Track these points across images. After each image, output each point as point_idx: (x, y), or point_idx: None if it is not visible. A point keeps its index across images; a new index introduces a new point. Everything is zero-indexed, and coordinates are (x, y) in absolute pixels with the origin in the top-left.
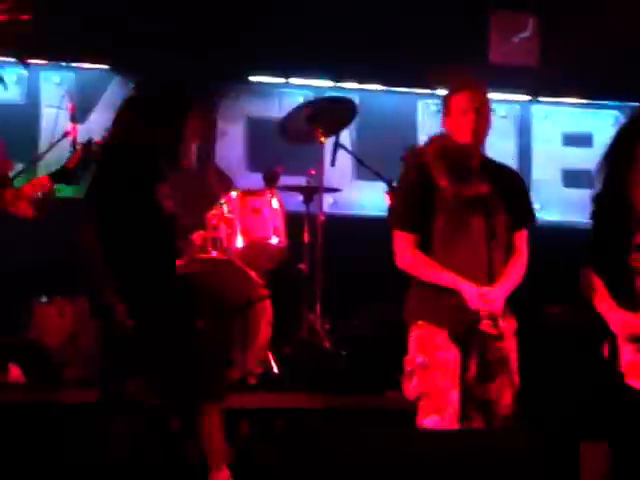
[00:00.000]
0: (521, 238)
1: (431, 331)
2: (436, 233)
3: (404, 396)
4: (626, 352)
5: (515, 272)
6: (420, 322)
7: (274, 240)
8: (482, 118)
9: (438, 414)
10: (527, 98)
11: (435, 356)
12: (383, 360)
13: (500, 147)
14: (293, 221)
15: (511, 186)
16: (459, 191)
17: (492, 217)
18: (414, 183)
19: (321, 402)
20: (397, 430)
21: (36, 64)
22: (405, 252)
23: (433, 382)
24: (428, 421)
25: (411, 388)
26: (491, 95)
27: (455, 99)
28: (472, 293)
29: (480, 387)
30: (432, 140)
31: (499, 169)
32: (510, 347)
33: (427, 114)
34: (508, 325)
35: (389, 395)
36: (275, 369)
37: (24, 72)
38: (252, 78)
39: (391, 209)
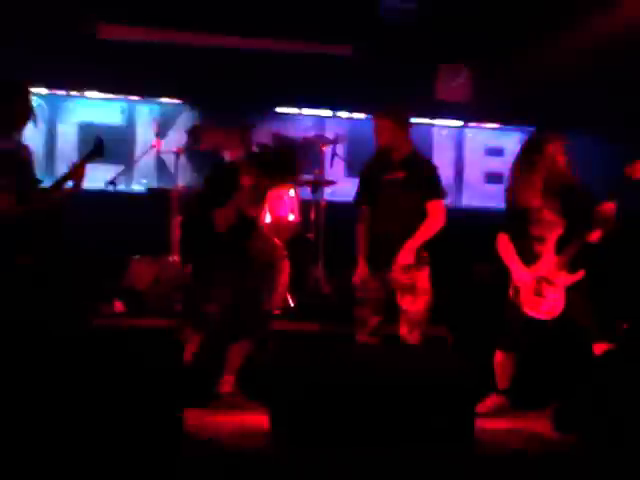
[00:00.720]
0: (431, 207)
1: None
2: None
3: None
4: (523, 292)
5: (422, 230)
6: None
7: (291, 217)
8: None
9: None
10: (460, 123)
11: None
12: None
13: (442, 156)
14: (304, 205)
15: (422, 172)
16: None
17: (407, 193)
18: (362, 174)
19: (318, 328)
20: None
21: (134, 100)
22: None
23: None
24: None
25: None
26: (436, 121)
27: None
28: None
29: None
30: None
31: (416, 162)
32: (420, 277)
33: None
34: (421, 271)
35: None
36: (292, 304)
37: (125, 105)
38: (277, 109)
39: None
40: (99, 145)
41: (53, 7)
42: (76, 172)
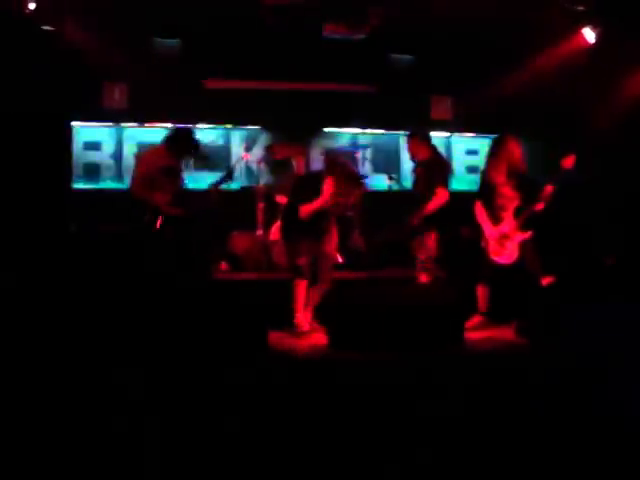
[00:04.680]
0: (437, 191)
1: None
2: None
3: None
4: (491, 244)
5: (430, 204)
6: None
7: None
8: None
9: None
10: (448, 134)
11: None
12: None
13: None
14: None
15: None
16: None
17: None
18: None
19: (356, 275)
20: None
21: (229, 127)
22: None
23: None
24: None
25: None
26: (433, 133)
27: None
28: None
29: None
30: None
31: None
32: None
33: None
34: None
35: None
36: (340, 260)
37: (224, 131)
38: (325, 129)
39: None
40: (230, 172)
41: (177, 68)
42: (212, 191)
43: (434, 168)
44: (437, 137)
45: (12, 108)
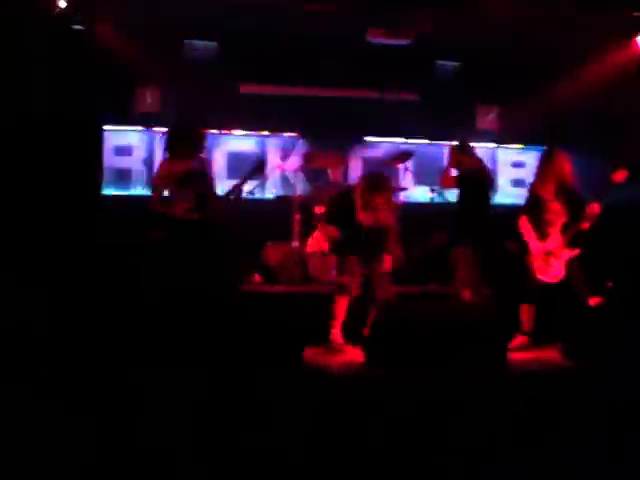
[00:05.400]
0: None
1: None
2: None
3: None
4: (537, 261)
5: None
6: None
7: None
8: None
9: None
10: (494, 145)
11: None
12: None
13: None
14: None
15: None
16: None
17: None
18: None
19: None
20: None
21: (265, 135)
22: None
23: None
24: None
25: None
26: (478, 144)
27: None
28: None
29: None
30: None
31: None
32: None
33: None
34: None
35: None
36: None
37: (259, 139)
38: (366, 138)
39: None
40: (260, 164)
41: (211, 72)
42: (238, 185)
43: (476, 180)
44: (482, 148)
45: (43, 108)
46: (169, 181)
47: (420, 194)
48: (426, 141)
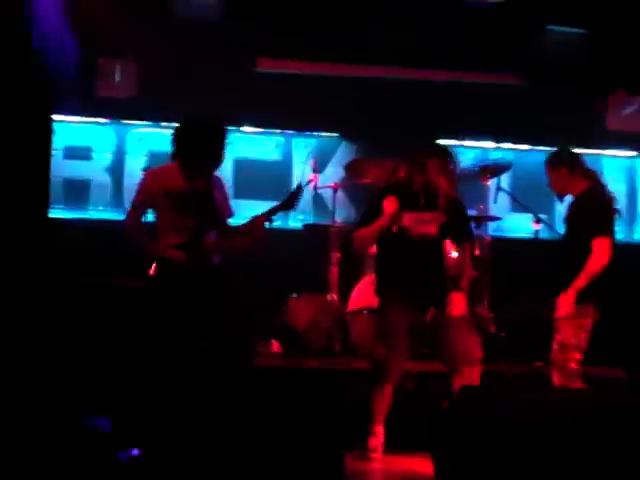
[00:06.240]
0: None
1: None
2: None
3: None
4: None
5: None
6: None
7: (453, 254)
8: None
9: None
10: (634, 153)
11: None
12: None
13: (614, 188)
14: None
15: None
16: None
17: None
18: None
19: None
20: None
21: (290, 134)
22: None
23: None
24: None
25: None
26: (607, 152)
27: None
28: None
29: None
30: None
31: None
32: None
33: None
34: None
35: (536, 364)
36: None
37: (282, 139)
38: (438, 141)
39: None
40: (296, 193)
41: (213, 41)
42: (257, 225)
43: (590, 207)
44: (616, 158)
45: None
46: (159, 199)
47: (520, 224)
48: (527, 146)
